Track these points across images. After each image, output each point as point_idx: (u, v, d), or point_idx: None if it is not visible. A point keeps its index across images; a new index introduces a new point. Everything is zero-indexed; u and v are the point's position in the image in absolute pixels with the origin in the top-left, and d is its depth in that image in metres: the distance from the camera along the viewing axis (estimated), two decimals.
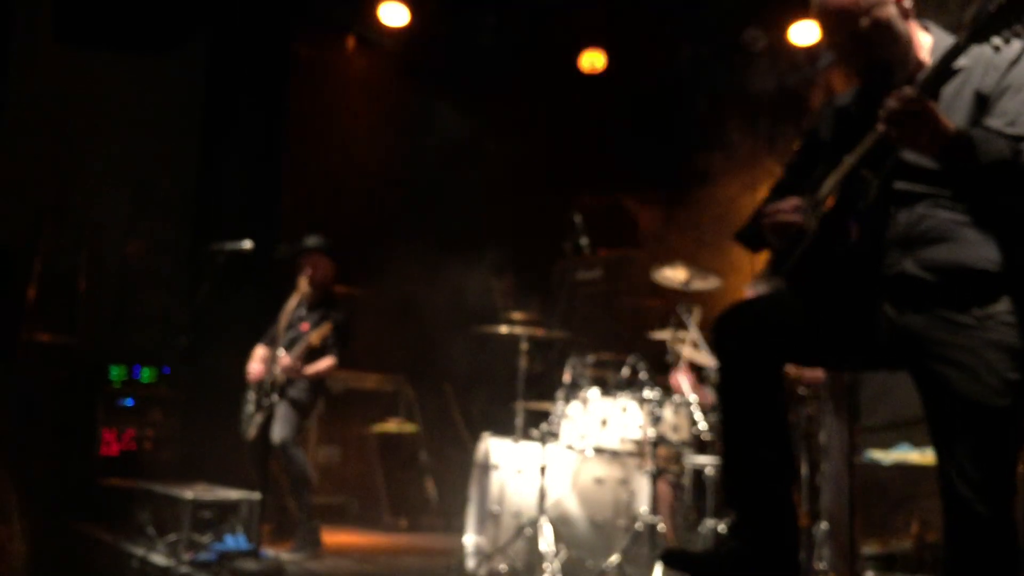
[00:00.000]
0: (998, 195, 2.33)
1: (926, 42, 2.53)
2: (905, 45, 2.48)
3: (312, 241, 5.92)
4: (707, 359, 5.02)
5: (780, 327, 2.53)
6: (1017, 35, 2.19)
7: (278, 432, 5.49)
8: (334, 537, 6.17)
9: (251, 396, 5.76)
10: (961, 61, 2.35)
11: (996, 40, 2.18)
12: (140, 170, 7.75)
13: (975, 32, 2.19)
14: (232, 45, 7.44)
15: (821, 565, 4.01)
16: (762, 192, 2.97)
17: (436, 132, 7.33)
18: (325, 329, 5.58)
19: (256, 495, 5.36)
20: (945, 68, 2.31)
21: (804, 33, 6.85)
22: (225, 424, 6.28)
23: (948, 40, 2.48)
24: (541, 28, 7.70)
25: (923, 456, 4.88)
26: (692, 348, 5.01)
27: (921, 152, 2.32)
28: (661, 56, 7.79)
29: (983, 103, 2.37)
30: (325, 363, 5.73)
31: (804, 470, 4.30)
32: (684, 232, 6.73)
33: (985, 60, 2.37)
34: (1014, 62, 2.36)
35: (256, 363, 5.78)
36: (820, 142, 2.74)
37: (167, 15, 7.32)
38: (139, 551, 5.21)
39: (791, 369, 4.28)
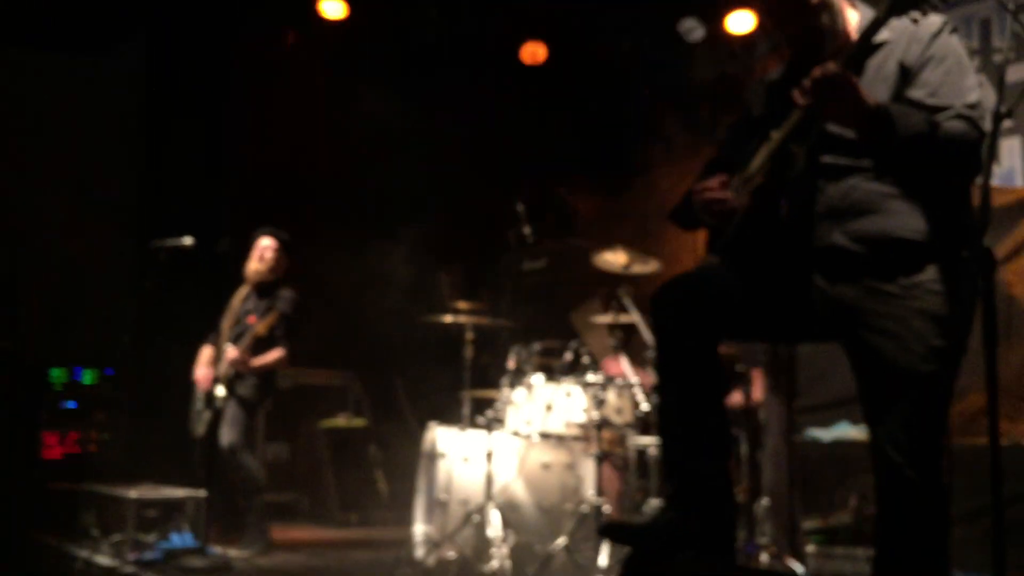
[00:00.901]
0: (918, 167, 2.40)
1: (853, 19, 2.59)
2: (835, 16, 2.54)
3: (263, 230, 5.88)
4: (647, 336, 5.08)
5: (715, 301, 2.57)
6: (934, 8, 2.25)
7: (226, 436, 5.43)
8: (284, 534, 6.14)
9: (200, 393, 5.71)
10: (885, 35, 2.42)
11: (914, 13, 2.24)
12: (81, 169, 7.63)
13: (893, 5, 2.25)
14: (172, 42, 7.36)
15: (763, 540, 4.08)
16: None
17: (378, 126, 7.31)
18: (272, 318, 5.52)
19: (202, 493, 5.32)
20: (868, 42, 2.37)
21: (741, 22, 6.94)
22: (171, 423, 6.22)
23: (869, 14, 2.54)
24: (482, 21, 7.71)
25: (862, 433, 4.99)
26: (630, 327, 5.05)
27: (841, 124, 2.38)
28: (601, 48, 7.84)
29: (906, 74, 2.43)
30: (273, 355, 5.66)
31: (745, 448, 4.37)
32: (626, 221, 6.79)
33: (908, 33, 2.44)
34: (935, 35, 2.43)
35: (203, 367, 5.71)
36: (751, 118, 2.80)
37: (106, 14, 7.23)
38: (83, 553, 5.15)
39: (728, 347, 4.35)
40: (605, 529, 2.62)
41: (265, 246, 5.81)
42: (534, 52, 7.82)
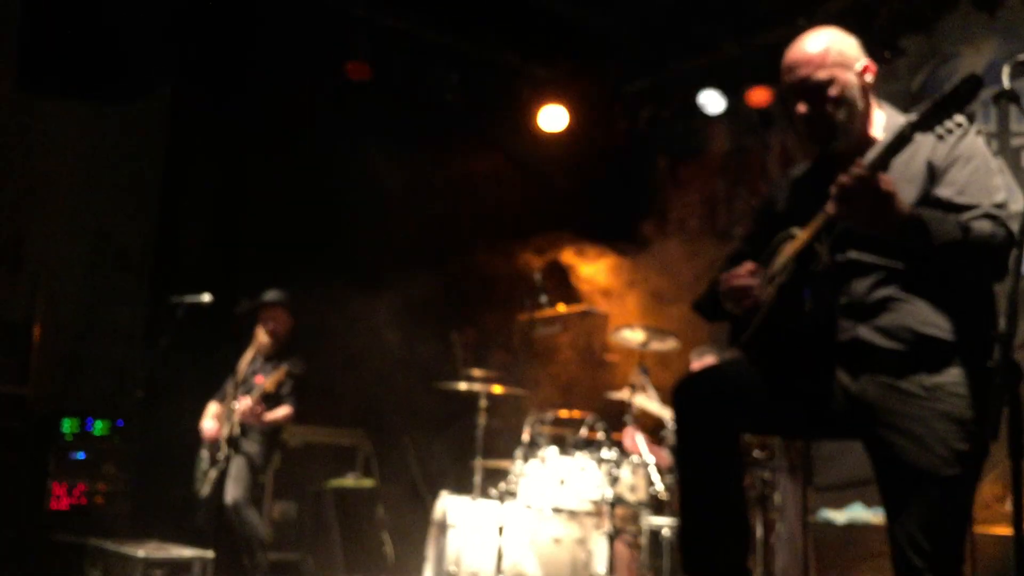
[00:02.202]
0: (948, 269, 2.41)
1: (880, 120, 2.63)
2: (858, 117, 2.57)
3: (272, 295, 5.92)
4: (665, 414, 5.07)
5: (737, 396, 2.58)
6: (960, 125, 2.28)
7: (231, 492, 5.44)
8: None
9: (205, 453, 5.72)
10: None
11: (939, 130, 2.27)
12: (99, 219, 7.70)
13: (919, 124, 2.28)
14: (195, 96, 7.46)
15: None
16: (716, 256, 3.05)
17: (397, 186, 7.38)
18: (279, 374, 5.56)
19: (209, 553, 5.29)
20: (894, 150, 2.39)
21: (760, 96, 7.02)
22: (179, 479, 6.21)
23: (898, 118, 2.58)
24: (501, 86, 7.82)
25: (875, 516, 4.95)
26: (649, 405, 5.05)
27: (873, 230, 2.39)
28: (621, 116, 7.93)
29: (934, 173, 2.46)
30: (282, 411, 5.71)
31: (759, 531, 4.34)
32: (640, 289, 6.80)
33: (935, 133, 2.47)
34: (962, 136, 2.46)
35: (209, 420, 5.74)
36: (775, 213, 2.81)
37: (131, 65, 7.33)
38: None
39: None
40: None
41: (270, 317, 5.85)
42: (552, 117, 7.91)
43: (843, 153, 2.59)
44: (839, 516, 5.21)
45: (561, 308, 6.82)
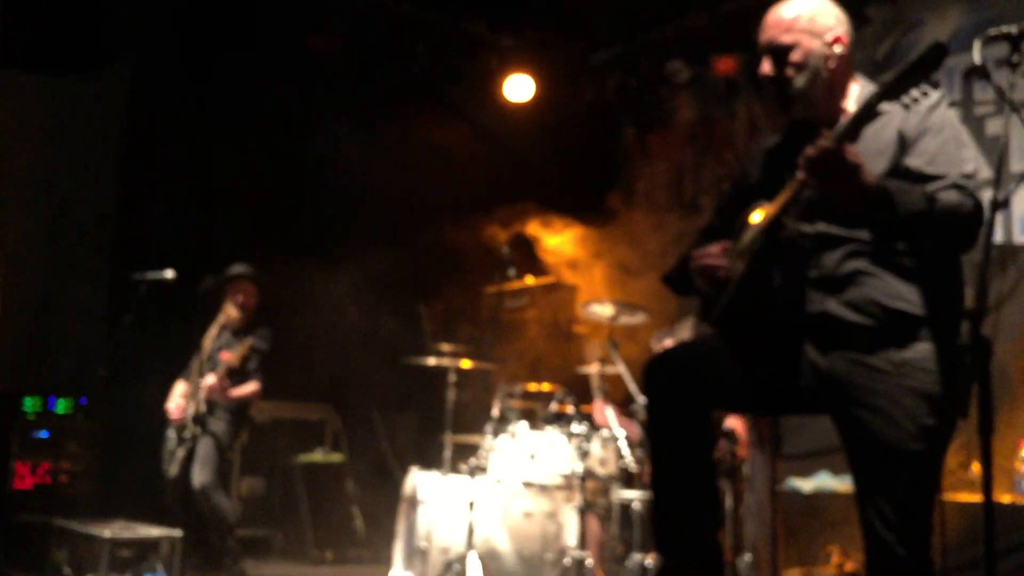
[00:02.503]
0: (915, 240, 2.41)
1: (854, 92, 2.61)
2: (821, 86, 2.56)
3: (239, 268, 5.85)
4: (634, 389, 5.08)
5: (708, 374, 2.58)
6: (925, 94, 2.27)
7: (198, 476, 5.39)
8: (258, 570, 6.06)
9: (172, 433, 5.66)
10: (883, 105, 2.43)
11: (905, 99, 2.26)
12: (59, 194, 7.56)
13: (884, 93, 2.27)
14: (156, 68, 7.31)
15: None
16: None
17: (360, 160, 7.30)
18: (244, 348, 5.51)
19: (177, 532, 5.25)
20: (866, 114, 2.37)
21: (727, 65, 6.99)
22: (144, 457, 6.14)
23: (869, 88, 2.57)
24: (469, 55, 7.73)
25: (842, 484, 5.01)
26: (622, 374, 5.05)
27: (839, 202, 2.37)
28: (588, 86, 7.88)
29: (904, 144, 2.46)
30: (249, 387, 5.66)
31: (728, 502, 4.37)
32: (608, 261, 6.79)
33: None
34: (933, 107, 2.46)
35: (176, 399, 5.67)
36: (747, 185, 2.80)
37: (90, 35, 7.17)
38: None
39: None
40: None
41: (240, 291, 5.79)
42: (518, 87, 7.84)
43: (814, 124, 2.58)
44: (806, 485, 5.27)
45: (529, 281, 6.80)
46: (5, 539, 6.17)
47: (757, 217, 2.61)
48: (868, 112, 2.31)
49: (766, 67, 2.59)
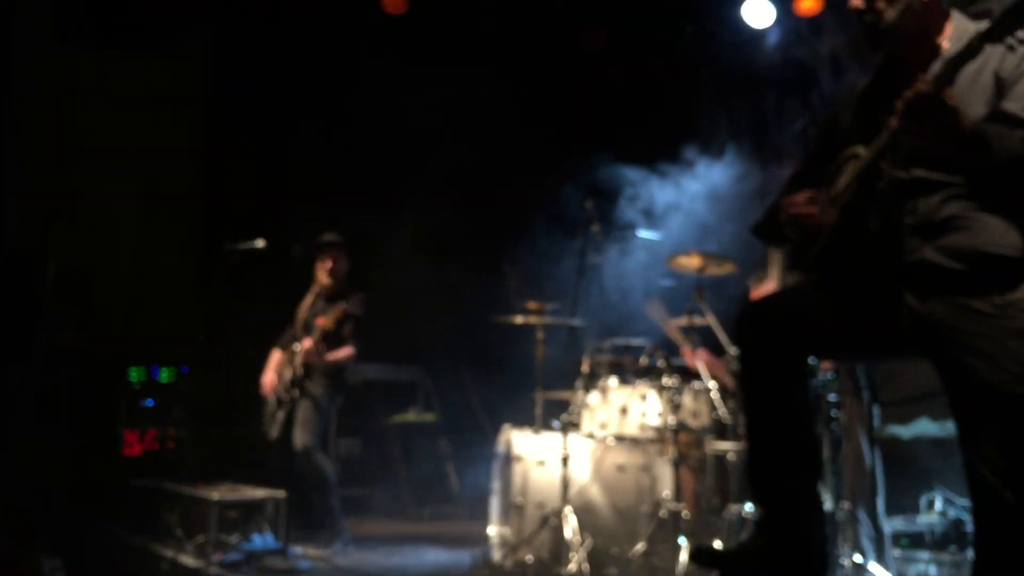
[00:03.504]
0: (1013, 185, 2.33)
1: (952, 29, 2.52)
2: (915, 20, 2.47)
3: (329, 237, 5.95)
4: (725, 340, 5.04)
5: (802, 322, 2.54)
6: None
7: (300, 438, 5.54)
8: (358, 528, 6.22)
9: (272, 395, 5.82)
10: None
11: (1009, 40, 2.17)
12: (149, 168, 7.75)
13: (988, 35, 2.18)
14: (234, 40, 7.42)
15: (846, 547, 4.03)
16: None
17: (436, 122, 7.32)
18: (338, 312, 5.61)
19: (281, 493, 5.41)
20: (961, 63, 2.29)
21: (809, 4, 6.78)
22: (246, 421, 6.34)
23: (967, 26, 2.47)
24: (542, 5, 7.65)
25: (942, 429, 4.90)
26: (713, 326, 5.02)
27: (936, 148, 2.31)
28: (665, 32, 7.74)
29: (1001, 86, 2.37)
30: (343, 352, 5.78)
31: (826, 451, 4.31)
32: (690, 212, 6.69)
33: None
34: None
35: (270, 374, 5.84)
36: (839, 130, 2.73)
37: (167, 10, 7.30)
38: (168, 552, 5.27)
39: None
40: (695, 555, 2.61)
41: (329, 257, 5.88)
42: (593, 39, 7.74)
43: (907, 63, 2.50)
44: (905, 431, 5.16)
45: (612, 234, 6.74)
46: (119, 504, 6.45)
47: (851, 162, 2.55)
48: (968, 54, 2.23)
49: (856, 0, 2.50)
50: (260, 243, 5.63)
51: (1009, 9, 2.13)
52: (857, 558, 4.00)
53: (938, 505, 4.38)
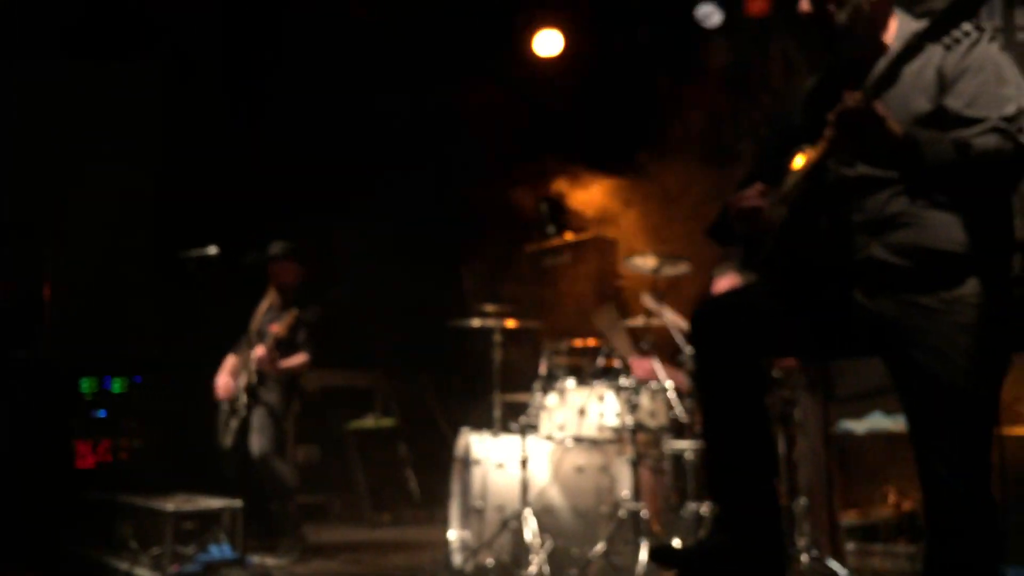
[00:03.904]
0: (950, 185, 2.37)
1: (893, 26, 2.56)
2: (863, 22, 2.50)
3: (277, 248, 5.88)
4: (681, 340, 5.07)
5: (755, 321, 2.56)
6: (967, 33, 2.22)
7: (256, 445, 5.49)
8: (317, 535, 6.18)
9: (225, 404, 5.76)
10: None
11: (947, 40, 2.21)
12: (102, 176, 7.63)
13: (927, 34, 2.22)
14: (192, 49, 7.34)
15: (802, 541, 4.08)
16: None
17: (394, 124, 7.30)
18: (290, 318, 5.56)
19: (238, 502, 5.35)
20: (901, 63, 2.32)
21: (759, 6, 6.85)
22: (200, 431, 6.26)
23: (910, 25, 2.51)
24: (498, 7, 7.66)
25: (896, 423, 4.97)
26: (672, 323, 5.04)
27: (868, 156, 2.36)
28: (618, 35, 7.78)
29: (944, 83, 2.40)
30: (298, 359, 5.73)
31: (781, 448, 4.36)
32: (646, 214, 6.74)
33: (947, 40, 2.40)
34: (974, 43, 2.39)
35: (224, 376, 5.78)
36: (788, 128, 2.76)
37: (125, 19, 7.21)
38: (123, 565, 5.20)
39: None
40: (655, 554, 2.62)
41: (280, 267, 5.83)
42: (548, 42, 7.76)
43: (855, 60, 2.53)
44: (859, 426, 5.23)
45: (569, 236, 6.77)
46: (72, 516, 6.33)
47: (799, 161, 2.57)
48: (908, 54, 2.27)
49: (805, 3, 2.53)
50: (213, 250, 5.57)
51: (945, 10, 2.17)
52: (813, 552, 4.05)
53: (891, 499, 4.44)
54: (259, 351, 5.55)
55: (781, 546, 2.58)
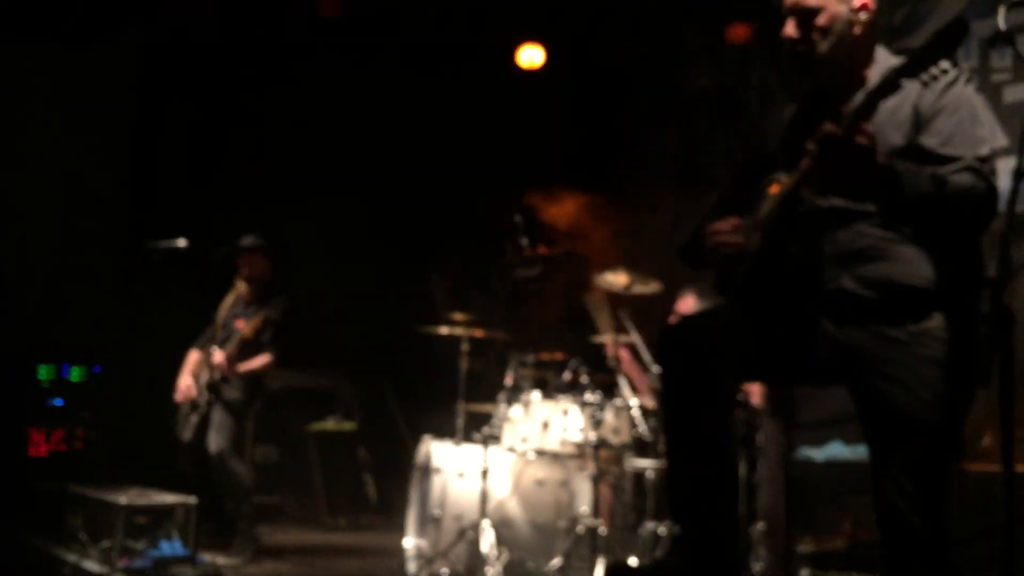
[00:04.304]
0: (925, 220, 2.39)
1: (878, 61, 2.58)
2: (845, 52, 2.53)
3: (248, 241, 5.83)
4: (648, 359, 5.09)
5: (724, 344, 2.56)
6: (944, 71, 2.25)
7: (214, 442, 5.42)
8: (271, 537, 6.11)
9: (184, 400, 5.69)
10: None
11: (924, 77, 2.23)
12: (69, 163, 7.53)
13: (904, 70, 2.24)
14: (166, 35, 7.27)
15: (758, 566, 4.09)
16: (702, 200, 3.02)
17: (369, 129, 7.28)
18: (257, 321, 5.51)
19: (192, 499, 5.28)
20: (878, 97, 2.34)
21: (740, 33, 6.93)
22: (158, 425, 6.18)
23: (889, 61, 2.54)
24: (479, 22, 7.67)
25: (855, 454, 5.01)
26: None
27: (847, 185, 2.36)
28: (600, 54, 7.82)
29: (920, 121, 2.43)
30: (260, 360, 5.66)
31: (742, 471, 4.37)
32: (620, 232, 6.76)
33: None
34: (951, 83, 2.43)
35: (185, 378, 5.71)
36: (765, 154, 2.78)
37: (97, 3, 7.13)
38: (71, 557, 5.11)
39: None
40: (612, 571, 2.62)
41: (249, 261, 5.78)
42: (531, 56, 7.78)
43: (833, 92, 2.56)
44: (818, 454, 5.27)
45: (542, 250, 6.78)
46: (22, 505, 6.23)
47: (774, 189, 2.59)
48: (886, 89, 2.28)
49: (790, 29, 2.55)
50: (182, 243, 5.50)
51: (923, 47, 2.20)
52: None
53: (847, 528, 4.47)
54: (218, 357, 5.47)
55: (739, 568, 2.59)
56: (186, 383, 5.70)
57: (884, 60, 2.57)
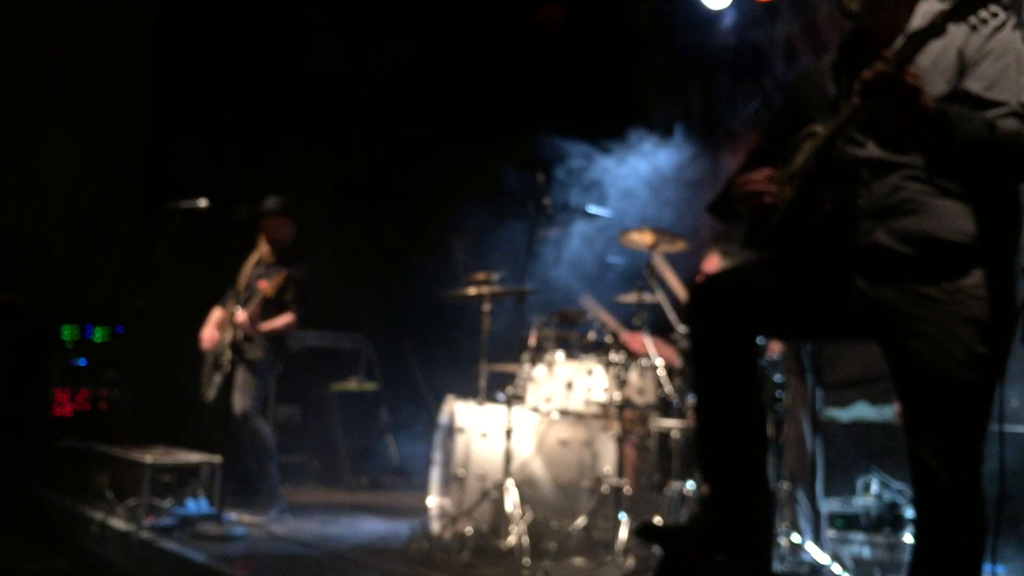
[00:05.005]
0: (972, 168, 2.32)
1: (920, 8, 2.50)
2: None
3: (271, 203, 5.80)
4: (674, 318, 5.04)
5: (754, 301, 2.52)
6: (994, 15, 2.17)
7: (239, 402, 5.41)
8: (295, 496, 6.15)
9: (209, 357, 5.70)
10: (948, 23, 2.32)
11: (973, 20, 2.16)
12: (89, 124, 7.52)
13: (951, 13, 2.16)
14: None
15: (783, 525, 4.07)
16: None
17: (385, 87, 7.21)
18: (280, 279, 5.50)
19: (217, 458, 5.32)
20: (924, 40, 2.27)
21: None
22: (181, 384, 6.21)
23: (934, 5, 2.45)
24: None
25: (881, 414, 4.96)
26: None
27: (896, 127, 2.27)
28: (621, 11, 7.70)
29: (964, 65, 2.36)
30: (283, 320, 5.65)
31: (768, 431, 4.34)
32: (644, 190, 6.68)
33: (970, 24, 2.35)
34: (997, 28, 2.35)
35: (210, 329, 5.72)
36: (800, 106, 2.70)
37: None
38: (98, 515, 5.16)
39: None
40: (641, 531, 2.59)
41: (272, 223, 5.75)
42: (552, 12, 7.68)
43: (872, 40, 2.49)
44: (843, 415, 5.23)
45: (563, 210, 6.71)
46: (48, 464, 6.29)
47: (809, 140, 2.53)
48: (932, 32, 2.20)
49: None
50: (203, 203, 5.48)
51: None
52: (794, 538, 4.05)
53: (874, 488, 4.43)
54: (240, 316, 5.46)
55: (768, 528, 2.56)
56: (210, 334, 5.70)
57: (929, 5, 2.49)
